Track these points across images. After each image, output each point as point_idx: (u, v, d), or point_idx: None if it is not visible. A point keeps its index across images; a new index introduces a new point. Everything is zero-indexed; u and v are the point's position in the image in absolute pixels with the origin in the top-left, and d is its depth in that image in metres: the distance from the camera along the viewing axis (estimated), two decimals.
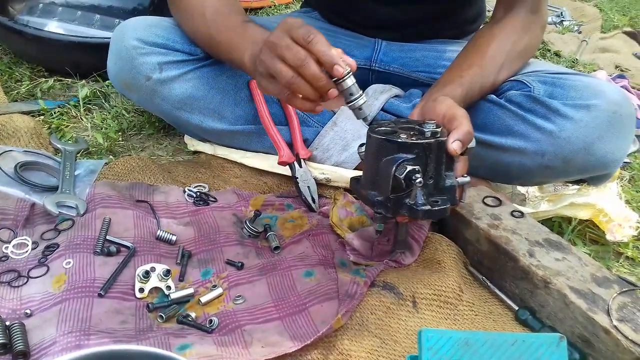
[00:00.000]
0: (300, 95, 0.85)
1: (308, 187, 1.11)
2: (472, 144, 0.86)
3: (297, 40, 0.81)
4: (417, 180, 0.78)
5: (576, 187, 1.17)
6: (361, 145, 0.90)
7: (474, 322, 0.87)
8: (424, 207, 0.80)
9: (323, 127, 1.17)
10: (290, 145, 1.15)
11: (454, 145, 0.82)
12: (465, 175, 0.87)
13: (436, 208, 0.81)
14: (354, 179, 0.92)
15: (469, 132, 0.84)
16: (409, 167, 0.79)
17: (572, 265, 0.88)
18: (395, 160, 0.81)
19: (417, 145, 0.81)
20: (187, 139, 1.26)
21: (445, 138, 0.82)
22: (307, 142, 1.17)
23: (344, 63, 0.82)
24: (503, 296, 0.92)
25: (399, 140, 0.81)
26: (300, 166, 1.12)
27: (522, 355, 0.71)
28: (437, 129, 0.83)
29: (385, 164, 0.82)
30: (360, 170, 1.09)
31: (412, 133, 0.83)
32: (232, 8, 1.05)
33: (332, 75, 0.82)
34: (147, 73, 1.12)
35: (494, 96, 1.07)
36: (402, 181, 0.79)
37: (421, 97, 1.08)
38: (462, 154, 0.85)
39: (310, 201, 1.09)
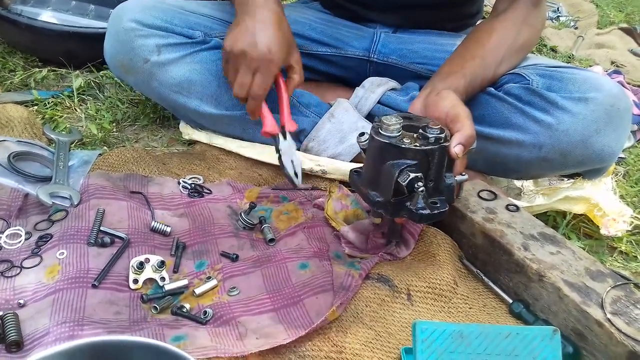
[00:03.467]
0: None
1: (292, 160, 1.06)
2: (474, 145, 0.86)
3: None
4: (420, 189, 0.79)
5: (571, 181, 1.18)
6: (360, 134, 0.89)
7: (468, 315, 0.87)
8: (423, 212, 0.81)
9: (320, 119, 1.17)
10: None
11: (456, 150, 0.83)
12: (463, 173, 0.87)
13: (435, 212, 0.82)
14: (354, 172, 0.92)
15: (472, 135, 0.85)
16: (412, 175, 0.79)
17: (566, 258, 0.88)
18: (398, 166, 0.81)
19: (420, 152, 0.81)
20: (183, 127, 1.25)
21: (448, 143, 0.83)
22: (303, 133, 1.17)
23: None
24: (497, 289, 0.92)
25: (403, 146, 0.81)
26: (285, 138, 1.07)
27: (515, 348, 0.72)
28: (440, 135, 0.82)
29: (387, 168, 0.82)
30: (357, 162, 1.09)
31: (415, 136, 0.83)
32: None
33: None
34: (145, 55, 1.12)
35: (493, 89, 1.07)
36: (405, 187, 0.80)
37: (420, 89, 1.07)
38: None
39: (293, 175, 1.05)
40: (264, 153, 1.16)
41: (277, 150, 1.06)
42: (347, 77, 1.29)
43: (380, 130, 0.83)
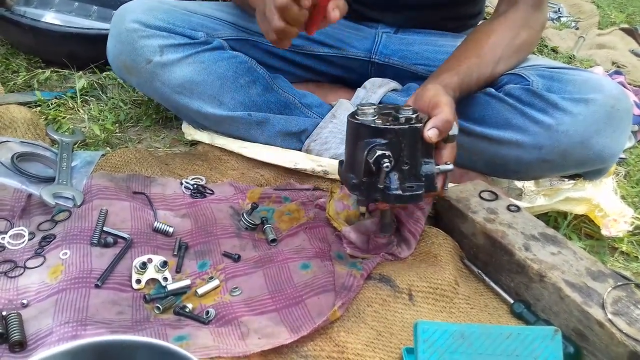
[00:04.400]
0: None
1: None
2: (454, 131, 0.86)
3: None
4: (384, 165, 0.80)
5: (572, 181, 1.18)
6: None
7: (469, 315, 0.88)
8: (395, 192, 0.82)
9: (322, 119, 1.17)
10: (290, 134, 1.15)
11: (429, 133, 0.83)
12: (449, 162, 0.87)
13: (408, 193, 0.82)
14: (340, 161, 0.93)
15: (447, 120, 0.84)
16: (379, 152, 0.80)
17: (567, 259, 0.88)
18: (368, 144, 0.82)
19: (389, 130, 0.82)
20: (185, 127, 1.26)
21: (419, 125, 0.83)
22: (305, 133, 1.17)
23: None
24: (498, 289, 0.92)
25: (372, 125, 0.83)
26: None
27: (517, 348, 0.72)
28: (412, 115, 0.83)
29: (360, 148, 0.83)
30: None
31: (390, 119, 0.84)
32: None
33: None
34: (148, 56, 1.12)
35: (493, 89, 1.08)
36: (372, 165, 0.81)
37: None
38: (445, 142, 0.86)
39: None
40: (266, 154, 1.16)
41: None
42: (349, 78, 1.30)
43: (356, 115, 0.86)
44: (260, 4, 0.93)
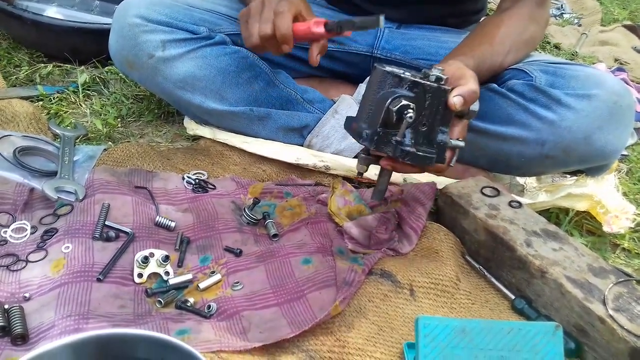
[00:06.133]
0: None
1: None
2: (475, 106, 0.85)
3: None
4: (408, 115, 0.78)
5: (574, 178, 1.18)
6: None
7: (470, 311, 0.88)
8: (408, 148, 0.80)
9: (323, 115, 1.17)
10: (293, 129, 1.15)
11: (454, 100, 0.82)
12: (461, 139, 0.86)
13: (420, 153, 0.81)
14: (349, 117, 0.92)
15: (474, 91, 0.83)
16: (404, 102, 0.79)
17: (568, 255, 0.88)
18: (394, 93, 0.80)
19: (418, 84, 0.80)
20: (187, 122, 1.26)
21: (447, 88, 0.82)
22: (307, 129, 1.17)
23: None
24: (500, 285, 0.92)
25: (402, 74, 0.81)
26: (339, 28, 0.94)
27: (518, 343, 0.72)
28: (442, 76, 0.82)
29: (383, 96, 0.82)
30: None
31: (419, 76, 0.83)
32: None
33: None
34: (150, 51, 1.12)
35: (496, 85, 1.08)
36: (394, 114, 0.79)
37: None
38: (462, 117, 0.85)
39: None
40: (268, 149, 1.16)
41: (338, 28, 0.92)
42: (351, 73, 1.30)
43: (384, 65, 0.85)
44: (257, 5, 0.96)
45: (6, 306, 0.76)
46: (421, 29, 1.27)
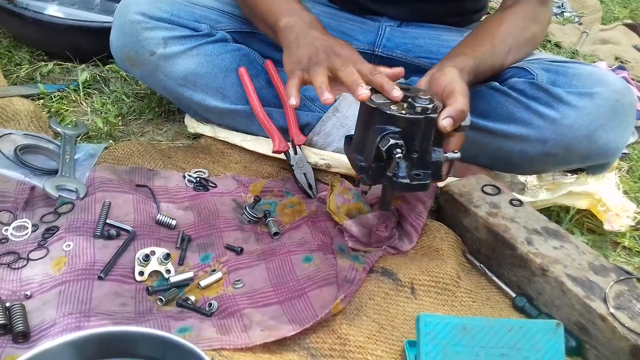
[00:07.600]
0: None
1: (304, 174, 1.10)
2: (466, 122, 0.85)
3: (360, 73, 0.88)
4: (397, 155, 0.79)
5: (574, 176, 1.18)
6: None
7: (471, 309, 0.88)
8: (402, 180, 0.82)
9: (325, 113, 1.17)
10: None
11: (444, 122, 0.82)
12: (456, 151, 0.86)
13: (415, 182, 0.82)
14: (348, 138, 0.93)
15: (462, 110, 0.83)
16: (392, 141, 0.80)
17: (569, 253, 0.88)
18: (382, 131, 0.81)
19: (404, 119, 0.81)
20: (188, 120, 1.26)
21: (435, 115, 0.82)
22: (308, 127, 1.17)
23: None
24: (501, 283, 0.92)
25: (388, 112, 0.82)
26: (296, 153, 1.12)
27: (519, 341, 0.72)
28: (428, 105, 0.82)
29: (372, 133, 0.83)
30: None
31: (405, 105, 0.83)
32: None
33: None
34: (151, 48, 1.12)
35: (497, 83, 1.07)
36: (384, 153, 0.80)
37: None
38: (455, 131, 0.85)
39: (307, 188, 1.09)
40: (268, 147, 1.16)
41: (289, 165, 1.11)
42: None
43: (372, 96, 0.85)
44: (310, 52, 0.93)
45: (8, 304, 0.76)
46: (422, 27, 1.27)
